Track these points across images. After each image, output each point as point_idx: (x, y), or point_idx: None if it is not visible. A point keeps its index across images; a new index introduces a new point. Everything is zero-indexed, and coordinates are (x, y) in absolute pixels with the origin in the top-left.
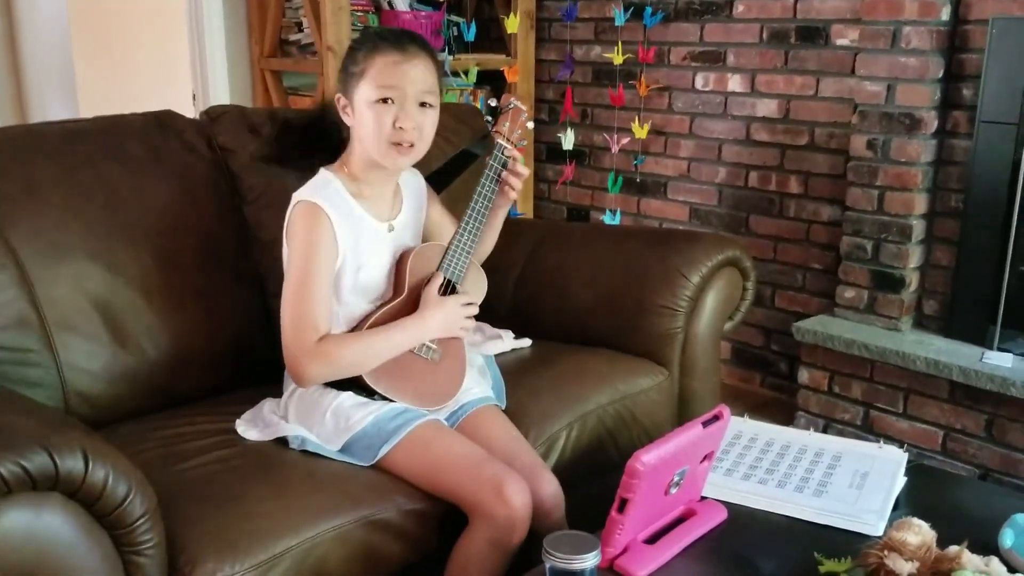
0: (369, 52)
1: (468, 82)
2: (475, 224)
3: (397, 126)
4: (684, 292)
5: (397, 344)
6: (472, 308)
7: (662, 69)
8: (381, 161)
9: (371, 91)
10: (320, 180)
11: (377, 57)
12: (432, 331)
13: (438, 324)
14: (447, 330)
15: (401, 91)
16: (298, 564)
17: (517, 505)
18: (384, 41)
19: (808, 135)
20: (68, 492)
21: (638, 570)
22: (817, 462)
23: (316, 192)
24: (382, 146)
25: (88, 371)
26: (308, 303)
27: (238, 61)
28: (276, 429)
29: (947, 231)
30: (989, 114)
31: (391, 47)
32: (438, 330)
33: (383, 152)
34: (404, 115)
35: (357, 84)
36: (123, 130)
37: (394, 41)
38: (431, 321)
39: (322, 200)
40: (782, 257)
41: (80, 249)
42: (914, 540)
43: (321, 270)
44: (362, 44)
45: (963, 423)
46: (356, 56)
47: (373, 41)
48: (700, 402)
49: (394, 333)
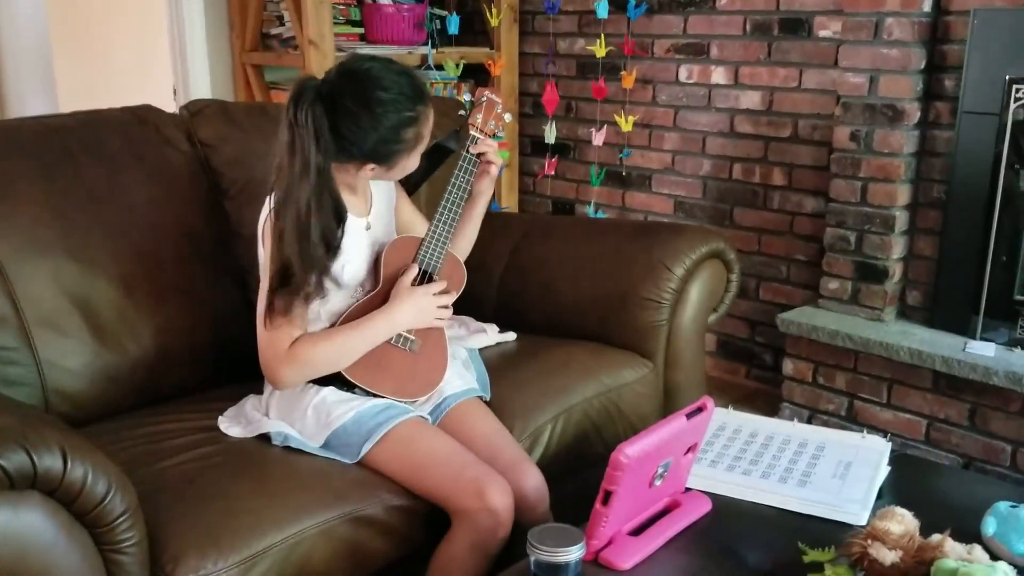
0: (418, 127)
1: (452, 76)
2: (450, 215)
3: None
4: (668, 284)
5: (370, 338)
6: (447, 297)
7: (645, 62)
8: (381, 180)
9: (421, 148)
10: None
11: (426, 125)
12: (403, 322)
13: (409, 314)
14: (419, 320)
15: None
16: (282, 561)
17: (499, 508)
18: (420, 104)
19: (792, 127)
20: (47, 490)
21: (623, 562)
22: (801, 453)
23: None
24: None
25: (68, 369)
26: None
27: (219, 55)
28: (258, 426)
29: (930, 222)
30: (971, 105)
31: (424, 106)
32: (409, 320)
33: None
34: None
35: (407, 155)
36: (102, 125)
37: (424, 98)
38: (401, 312)
39: None
40: (766, 249)
41: (59, 246)
42: (897, 529)
43: None
44: (401, 119)
45: (946, 413)
46: (404, 135)
47: (411, 109)
48: (685, 394)
49: (365, 327)
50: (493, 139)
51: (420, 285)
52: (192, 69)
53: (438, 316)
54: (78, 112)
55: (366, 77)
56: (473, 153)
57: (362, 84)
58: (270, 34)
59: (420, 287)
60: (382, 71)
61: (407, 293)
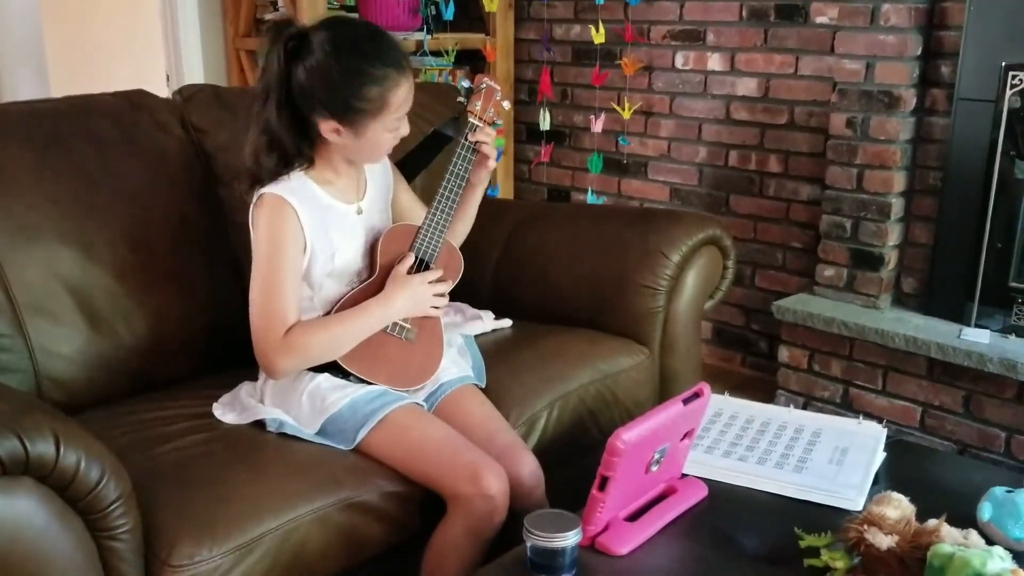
0: (383, 90)
1: (447, 62)
2: (448, 203)
3: (397, 136)
4: (665, 271)
5: (365, 327)
6: (443, 286)
7: (642, 48)
8: (366, 163)
9: (391, 123)
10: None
11: (395, 92)
12: (398, 311)
13: (404, 303)
14: (414, 309)
15: (405, 109)
16: (277, 547)
17: (494, 493)
18: (391, 69)
19: (788, 114)
20: (39, 477)
21: (619, 547)
22: (797, 438)
23: (280, 184)
24: (377, 155)
25: (61, 355)
26: (275, 297)
27: (212, 41)
28: (253, 412)
29: (925, 209)
30: (967, 92)
31: (399, 74)
32: (405, 309)
33: (375, 158)
34: (404, 127)
35: (372, 119)
36: (94, 110)
37: (397, 65)
38: (396, 300)
39: (286, 192)
40: (762, 236)
41: (51, 231)
42: (894, 514)
43: (287, 264)
44: (366, 79)
45: (941, 399)
46: (365, 93)
47: (379, 70)
48: (681, 381)
49: (360, 316)
50: (491, 127)
51: (416, 273)
52: (185, 54)
53: (434, 305)
54: (70, 97)
55: (342, 25)
56: (471, 141)
57: (335, 31)
58: (264, 19)
59: (416, 275)
60: (362, 27)
61: (403, 281)
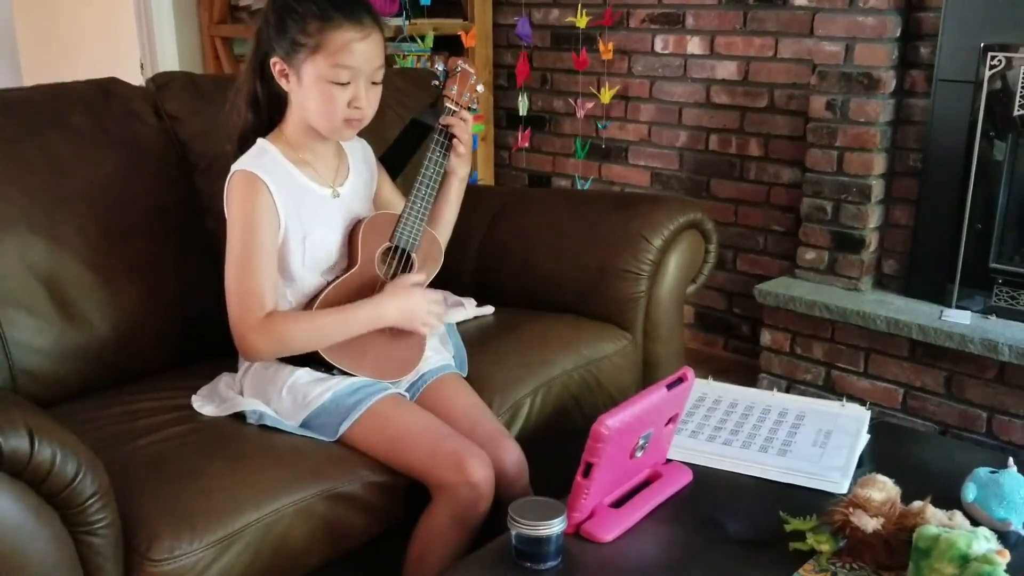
0: (323, 26)
1: (425, 47)
2: (427, 190)
3: (353, 106)
4: (646, 256)
5: (352, 329)
6: (438, 307)
7: (621, 32)
8: (329, 136)
9: (326, 70)
10: (257, 149)
11: (335, 33)
12: (388, 320)
13: (397, 313)
14: (406, 322)
15: (358, 71)
16: (259, 539)
17: (478, 480)
18: (339, 13)
19: (768, 97)
20: (13, 472)
21: (604, 534)
22: (781, 422)
23: (252, 161)
24: (335, 123)
25: (35, 348)
26: (252, 276)
27: (187, 28)
28: (233, 404)
29: (906, 191)
30: (946, 73)
31: (347, 21)
32: (395, 320)
33: (334, 129)
34: (360, 95)
35: (308, 57)
36: (66, 99)
37: (349, 14)
38: (389, 309)
39: (259, 169)
40: (743, 220)
41: (23, 222)
42: (878, 496)
43: (263, 241)
44: (311, 11)
45: (923, 380)
46: (306, 26)
47: (325, 11)
48: (664, 366)
49: (349, 317)
50: (468, 112)
51: (404, 274)
52: (159, 42)
53: (425, 323)
54: (41, 85)
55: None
56: (443, 124)
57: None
58: (239, 6)
59: (418, 290)
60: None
61: (405, 293)
